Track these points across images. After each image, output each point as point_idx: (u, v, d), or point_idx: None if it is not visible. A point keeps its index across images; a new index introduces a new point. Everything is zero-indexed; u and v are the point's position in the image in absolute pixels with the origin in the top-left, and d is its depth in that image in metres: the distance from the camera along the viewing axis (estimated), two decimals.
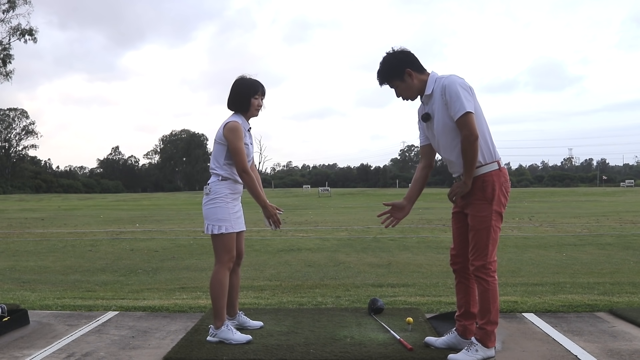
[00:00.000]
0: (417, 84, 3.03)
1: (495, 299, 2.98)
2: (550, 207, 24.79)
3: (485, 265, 2.96)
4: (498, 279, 3.03)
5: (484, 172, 2.95)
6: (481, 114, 2.98)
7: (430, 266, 7.16)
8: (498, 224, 3.00)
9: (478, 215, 2.97)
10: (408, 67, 3.01)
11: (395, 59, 3.04)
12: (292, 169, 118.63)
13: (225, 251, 3.42)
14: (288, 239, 11.05)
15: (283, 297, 4.99)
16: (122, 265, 7.73)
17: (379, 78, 3.08)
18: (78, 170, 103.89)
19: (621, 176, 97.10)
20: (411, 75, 3.01)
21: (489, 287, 2.96)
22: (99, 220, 18.65)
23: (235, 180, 3.47)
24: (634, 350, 3.22)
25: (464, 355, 2.98)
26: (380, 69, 3.07)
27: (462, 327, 3.20)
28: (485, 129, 3.00)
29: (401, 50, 3.06)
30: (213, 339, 3.37)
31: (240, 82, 3.53)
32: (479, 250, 2.98)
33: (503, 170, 3.01)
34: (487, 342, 2.98)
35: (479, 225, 2.97)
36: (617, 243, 9.66)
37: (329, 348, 3.23)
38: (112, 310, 4.36)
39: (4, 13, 43.58)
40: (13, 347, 3.40)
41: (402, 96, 3.11)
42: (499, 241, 3.13)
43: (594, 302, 4.43)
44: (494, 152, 3.00)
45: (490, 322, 2.98)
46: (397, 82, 3.05)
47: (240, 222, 3.52)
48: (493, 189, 2.95)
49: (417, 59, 3.06)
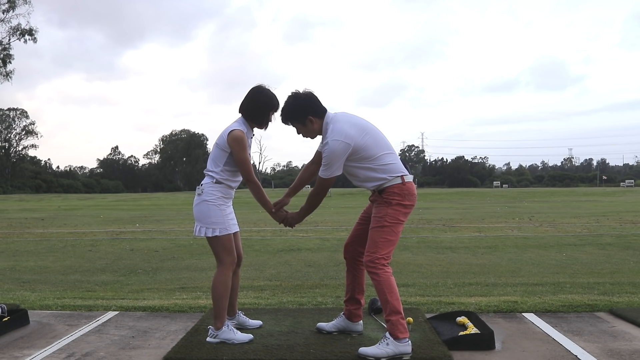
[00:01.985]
0: (317, 128, 3.29)
1: (390, 289, 3.12)
2: (550, 207, 24.79)
3: (373, 259, 3.14)
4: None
5: (388, 185, 3.20)
6: (379, 137, 3.23)
7: (430, 266, 7.16)
8: (394, 227, 3.18)
9: (376, 216, 3.22)
10: (310, 115, 3.24)
11: (298, 106, 3.26)
12: (292, 169, 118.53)
13: (226, 253, 3.42)
14: (288, 239, 11.05)
15: (283, 297, 4.99)
16: (122, 265, 7.73)
17: (281, 117, 3.34)
18: (78, 170, 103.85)
19: (621, 176, 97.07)
20: (312, 122, 3.26)
21: (380, 279, 3.12)
22: (99, 220, 18.65)
23: (228, 185, 3.45)
24: (634, 350, 3.22)
25: (374, 349, 3.06)
26: (284, 111, 3.31)
27: (348, 312, 3.53)
28: (384, 151, 3.21)
29: (305, 96, 3.28)
30: (213, 339, 3.37)
31: (262, 93, 3.45)
32: (370, 246, 3.18)
33: (407, 184, 3.22)
34: (397, 333, 3.06)
35: (375, 223, 3.21)
36: (617, 243, 9.66)
37: (329, 348, 3.23)
38: (112, 310, 4.36)
39: (4, 13, 43.61)
40: (13, 347, 3.41)
41: (303, 135, 3.35)
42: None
43: (594, 302, 4.43)
44: (395, 168, 3.22)
45: (392, 312, 3.10)
46: (299, 125, 3.30)
47: (233, 224, 3.51)
48: (393, 197, 3.18)
49: (319, 104, 3.28)
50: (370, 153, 3.18)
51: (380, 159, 3.19)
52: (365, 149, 3.16)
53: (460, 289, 5.34)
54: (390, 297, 3.10)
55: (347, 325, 3.52)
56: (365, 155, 3.17)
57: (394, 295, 3.11)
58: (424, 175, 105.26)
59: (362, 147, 3.16)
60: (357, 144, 3.14)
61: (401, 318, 3.10)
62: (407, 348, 3.05)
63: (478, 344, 3.28)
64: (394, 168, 3.21)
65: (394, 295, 3.11)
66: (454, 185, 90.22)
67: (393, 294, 3.11)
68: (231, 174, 3.45)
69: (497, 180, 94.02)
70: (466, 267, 7.03)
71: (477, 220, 16.21)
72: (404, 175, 3.21)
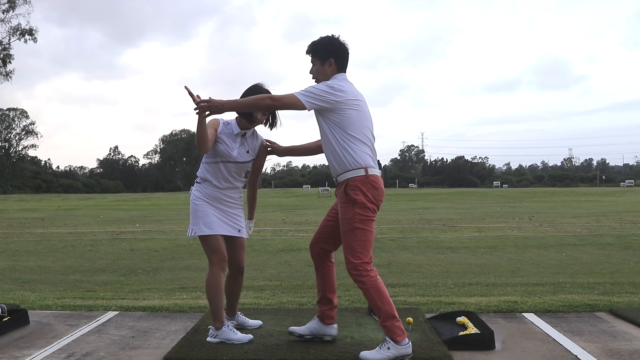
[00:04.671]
0: (329, 73, 3.19)
1: (380, 295, 3.02)
2: (550, 207, 24.78)
3: (356, 266, 3.03)
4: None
5: (349, 177, 3.05)
6: (352, 121, 3.07)
7: (430, 266, 7.16)
8: (365, 226, 3.05)
9: (343, 218, 3.09)
10: (333, 57, 3.16)
11: (330, 44, 3.19)
12: (292, 169, 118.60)
13: (212, 252, 3.40)
14: (288, 239, 11.05)
15: (283, 297, 4.99)
16: (122, 265, 7.73)
17: (309, 47, 3.24)
18: (78, 170, 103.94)
19: (621, 176, 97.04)
20: (330, 65, 3.18)
21: (367, 286, 3.03)
22: (99, 220, 18.65)
23: (212, 184, 3.42)
24: (634, 350, 3.22)
25: (375, 353, 3.01)
26: (316, 40, 3.23)
27: (321, 313, 3.38)
28: (353, 136, 3.07)
29: (341, 42, 3.20)
30: (213, 340, 3.36)
31: (257, 91, 3.41)
32: (348, 253, 3.07)
33: (370, 177, 3.06)
34: (395, 337, 3.00)
35: (345, 227, 3.08)
36: (617, 243, 9.65)
37: (329, 348, 3.23)
38: (112, 310, 4.36)
39: (4, 13, 43.55)
40: (13, 347, 3.40)
41: (313, 76, 3.27)
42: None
43: (594, 302, 4.43)
44: (362, 159, 3.07)
45: (386, 317, 3.01)
46: (318, 62, 3.21)
47: (219, 225, 3.40)
48: (356, 193, 3.03)
49: (346, 58, 3.22)
50: (346, 124, 3.06)
51: (352, 140, 3.07)
52: (346, 118, 3.05)
53: (460, 289, 5.34)
54: (381, 303, 3.01)
55: (321, 328, 3.37)
56: (341, 123, 3.06)
57: (384, 300, 3.01)
58: (424, 175, 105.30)
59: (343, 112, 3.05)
60: (341, 102, 3.04)
61: (396, 321, 3.01)
62: (407, 350, 3.01)
63: (478, 344, 3.28)
64: (360, 158, 3.06)
65: (385, 300, 3.02)
66: (454, 185, 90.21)
67: (383, 298, 3.02)
68: (211, 170, 3.43)
69: (497, 180, 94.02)
70: (466, 267, 7.03)
71: (477, 220, 16.21)
72: (368, 168, 3.06)
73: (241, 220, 3.55)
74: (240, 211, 3.56)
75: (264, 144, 3.61)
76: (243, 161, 3.48)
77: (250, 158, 3.53)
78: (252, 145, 3.54)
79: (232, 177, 3.47)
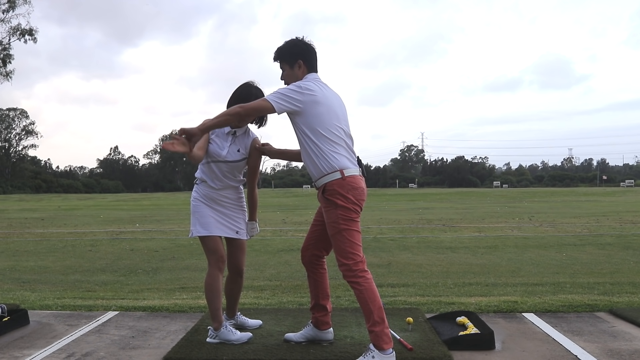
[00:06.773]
0: (299, 76, 3.16)
1: (373, 298, 2.95)
2: (550, 207, 24.78)
3: (350, 268, 2.98)
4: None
5: (326, 181, 3.01)
6: (322, 120, 3.02)
7: (430, 266, 7.16)
8: (351, 226, 3.00)
9: (329, 222, 3.05)
10: (301, 59, 3.15)
11: (296, 46, 3.17)
12: (292, 169, 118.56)
13: (209, 253, 3.41)
14: (288, 239, 11.05)
15: (283, 297, 4.99)
16: (122, 265, 7.73)
17: (275, 53, 3.22)
18: (78, 170, 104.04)
19: (621, 176, 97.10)
20: (299, 67, 3.16)
21: (362, 288, 2.96)
22: (99, 220, 18.65)
23: (209, 185, 3.42)
24: (634, 350, 3.22)
25: None
26: (280, 47, 3.21)
27: (314, 319, 3.35)
28: (324, 136, 3.01)
29: (305, 43, 3.18)
30: (213, 340, 3.37)
31: (245, 89, 3.42)
32: (340, 255, 3.01)
33: (347, 179, 2.99)
34: (381, 344, 2.90)
35: (331, 231, 3.04)
36: (617, 243, 9.66)
37: (329, 348, 3.23)
38: (112, 310, 4.36)
39: (4, 13, 43.56)
40: (13, 347, 3.40)
41: (285, 82, 3.23)
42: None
43: (594, 302, 4.43)
44: (336, 161, 3.01)
45: (374, 322, 2.92)
46: (287, 67, 3.19)
47: (215, 227, 3.40)
48: (335, 197, 2.98)
49: (314, 58, 3.19)
50: (316, 123, 3.00)
51: (325, 141, 3.01)
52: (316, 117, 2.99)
53: (460, 289, 5.34)
54: (373, 307, 2.93)
55: (316, 334, 3.33)
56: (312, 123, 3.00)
57: (376, 304, 2.94)
58: (424, 175, 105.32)
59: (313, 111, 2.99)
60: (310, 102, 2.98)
61: (385, 327, 2.93)
62: (389, 354, 2.92)
63: (478, 344, 3.27)
64: (334, 160, 3.00)
65: (377, 304, 2.94)
66: (454, 185, 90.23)
67: (375, 302, 2.94)
68: (206, 170, 3.43)
69: (497, 180, 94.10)
70: (466, 267, 7.03)
71: (477, 220, 16.21)
72: (344, 169, 2.99)
73: (240, 222, 3.53)
74: (239, 213, 3.54)
75: (256, 144, 3.55)
76: (233, 160, 3.43)
77: (242, 157, 3.47)
78: (244, 144, 3.49)
79: (226, 177, 3.44)
